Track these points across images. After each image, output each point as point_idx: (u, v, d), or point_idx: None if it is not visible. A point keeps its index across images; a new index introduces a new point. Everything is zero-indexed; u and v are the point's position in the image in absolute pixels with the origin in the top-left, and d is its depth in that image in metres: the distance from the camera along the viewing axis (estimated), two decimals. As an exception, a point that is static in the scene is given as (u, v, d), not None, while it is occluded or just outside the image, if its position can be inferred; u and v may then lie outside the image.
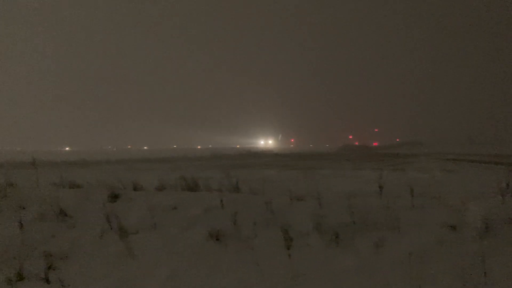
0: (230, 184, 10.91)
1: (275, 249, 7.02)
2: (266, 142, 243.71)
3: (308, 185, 11.34)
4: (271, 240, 7.25)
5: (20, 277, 6.52)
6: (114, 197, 9.16)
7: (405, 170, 21.46)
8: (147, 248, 7.34)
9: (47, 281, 6.47)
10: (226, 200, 8.80)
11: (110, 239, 7.58)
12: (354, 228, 7.42)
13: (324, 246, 7.06)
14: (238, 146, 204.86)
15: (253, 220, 7.82)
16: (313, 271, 6.49)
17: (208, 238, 7.45)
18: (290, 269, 6.53)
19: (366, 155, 45.88)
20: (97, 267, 6.91)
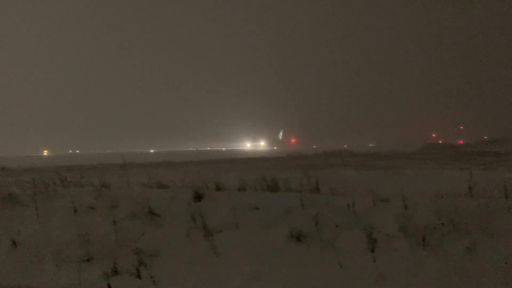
0: (310, 184, 10.87)
1: (358, 251, 6.89)
2: (254, 144, 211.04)
3: (391, 185, 10.97)
4: (354, 242, 7.12)
5: (115, 272, 6.97)
6: (199, 197, 9.51)
7: (496, 170, 20.03)
8: (231, 247, 7.52)
9: (139, 276, 6.86)
10: (306, 201, 8.78)
11: (196, 238, 7.87)
12: (442, 231, 7.06)
13: (410, 249, 6.80)
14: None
15: (334, 222, 7.73)
16: (399, 274, 6.28)
17: (290, 239, 7.48)
18: (374, 271, 6.37)
19: (451, 154, 43.48)
20: (185, 264, 7.21)
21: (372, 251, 6.76)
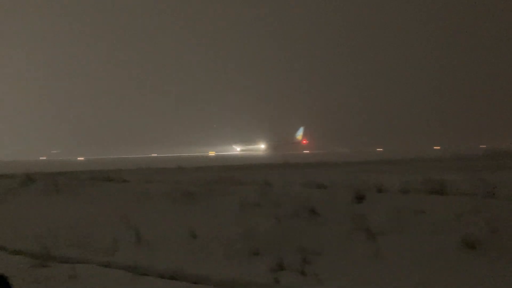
0: (483, 187, 9.85)
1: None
2: (249, 148, 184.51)
3: None
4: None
5: (281, 267, 7.26)
6: (359, 198, 9.37)
7: None
8: (395, 251, 7.25)
9: (303, 273, 7.02)
10: (480, 206, 8.01)
11: (357, 239, 7.76)
12: None
13: None
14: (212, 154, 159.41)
15: (515, 230, 6.90)
16: None
17: (462, 246, 6.90)
18: None
19: None
20: (347, 265, 7.17)
21: None
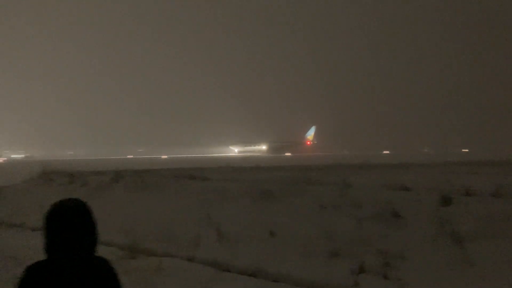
0: None
1: None
2: (248, 149, 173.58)
3: None
4: None
5: (361, 270, 7.12)
6: (446, 201, 8.91)
7: None
8: (485, 257, 6.82)
9: (385, 277, 6.83)
10: None
11: (444, 244, 7.40)
12: None
13: None
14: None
15: None
16: None
17: None
18: None
19: None
20: (432, 271, 6.87)
21: None
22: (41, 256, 2.13)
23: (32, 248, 9.08)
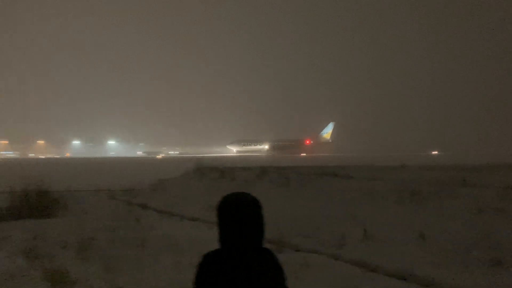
0: None
1: None
2: (248, 149, 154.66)
3: None
4: None
5: None
6: None
7: None
8: None
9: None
10: None
11: None
12: None
13: None
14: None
15: None
16: None
17: None
18: None
19: None
20: None
21: None
22: (200, 245, 2.33)
23: (193, 237, 9.83)
